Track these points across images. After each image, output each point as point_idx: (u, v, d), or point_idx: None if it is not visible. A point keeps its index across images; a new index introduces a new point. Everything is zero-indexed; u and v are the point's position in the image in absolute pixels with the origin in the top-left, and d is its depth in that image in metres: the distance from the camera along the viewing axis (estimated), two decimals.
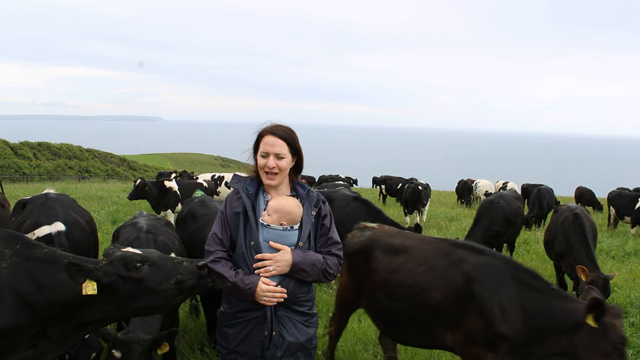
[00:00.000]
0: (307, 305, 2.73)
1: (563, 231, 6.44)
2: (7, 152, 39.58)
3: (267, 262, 2.57)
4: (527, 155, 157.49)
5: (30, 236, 3.96)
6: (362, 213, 6.57)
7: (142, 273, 2.68)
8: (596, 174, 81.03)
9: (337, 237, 2.79)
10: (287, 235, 2.63)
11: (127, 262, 2.69)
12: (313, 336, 2.76)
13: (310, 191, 2.77)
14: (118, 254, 2.75)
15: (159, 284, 2.69)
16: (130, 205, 14.69)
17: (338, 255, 2.75)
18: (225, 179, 14.77)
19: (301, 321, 2.70)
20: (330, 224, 2.77)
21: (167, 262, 2.76)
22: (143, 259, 2.71)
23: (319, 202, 2.74)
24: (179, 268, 2.72)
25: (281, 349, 2.62)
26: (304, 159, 2.79)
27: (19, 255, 2.86)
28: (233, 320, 2.70)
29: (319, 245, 2.73)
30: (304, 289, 2.69)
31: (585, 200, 18.82)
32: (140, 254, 2.75)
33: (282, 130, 2.69)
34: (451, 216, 15.72)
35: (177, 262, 2.75)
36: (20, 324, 2.76)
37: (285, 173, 2.70)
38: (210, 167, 66.07)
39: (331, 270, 2.69)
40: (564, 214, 6.71)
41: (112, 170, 45.38)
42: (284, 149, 2.65)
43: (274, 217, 2.63)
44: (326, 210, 2.78)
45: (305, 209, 2.70)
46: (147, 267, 2.69)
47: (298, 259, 2.58)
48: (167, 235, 4.29)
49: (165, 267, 2.73)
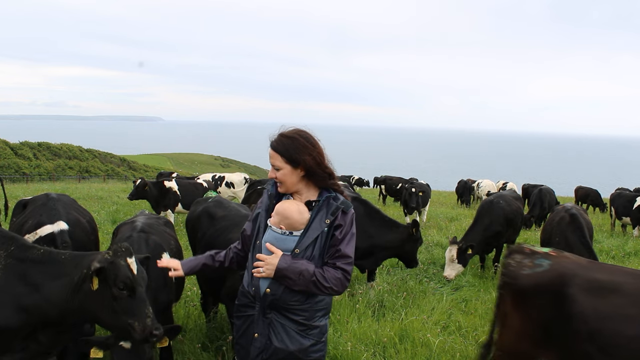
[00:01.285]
0: (304, 315, 2.62)
1: (560, 231, 6.39)
2: (7, 152, 39.57)
3: (261, 263, 2.58)
4: (527, 156, 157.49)
5: (33, 236, 3.98)
6: (359, 213, 6.57)
7: (118, 295, 2.80)
8: (596, 175, 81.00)
9: (348, 251, 2.62)
10: (285, 240, 2.61)
11: (117, 278, 2.80)
12: (310, 348, 2.64)
13: (333, 198, 2.64)
14: (121, 261, 2.84)
15: (118, 312, 2.80)
16: (130, 205, 14.70)
17: (343, 270, 2.61)
18: (225, 179, 14.77)
19: (296, 330, 2.62)
20: (344, 236, 2.62)
21: (140, 304, 2.84)
22: (130, 285, 2.81)
23: (337, 210, 2.61)
24: (141, 316, 2.81)
25: (267, 352, 2.61)
26: (323, 163, 2.65)
27: (13, 257, 2.88)
28: (237, 313, 2.77)
29: (326, 256, 2.63)
30: (297, 298, 2.60)
31: (591, 201, 18.74)
32: (131, 277, 2.83)
33: (279, 141, 2.64)
34: (451, 216, 15.73)
35: (146, 310, 2.84)
36: (14, 325, 2.77)
37: (288, 183, 2.65)
38: (210, 167, 66.04)
39: (327, 284, 2.55)
40: (559, 214, 6.66)
41: (112, 171, 45.37)
42: (278, 161, 2.62)
43: (275, 219, 2.63)
44: (343, 220, 2.62)
45: (319, 217, 2.60)
46: (126, 294, 2.81)
47: (283, 265, 2.53)
48: (163, 235, 4.28)
49: (135, 305, 2.82)
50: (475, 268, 8.59)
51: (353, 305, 5.73)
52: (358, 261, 6.60)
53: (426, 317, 5.56)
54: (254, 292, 2.64)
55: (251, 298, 2.67)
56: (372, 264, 6.62)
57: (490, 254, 8.77)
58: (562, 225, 6.38)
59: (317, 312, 2.66)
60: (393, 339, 4.87)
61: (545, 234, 6.97)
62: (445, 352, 4.69)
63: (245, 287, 2.73)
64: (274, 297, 2.59)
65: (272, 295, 2.59)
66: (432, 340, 4.82)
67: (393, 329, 5.10)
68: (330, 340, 4.62)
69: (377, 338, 4.87)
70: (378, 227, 6.49)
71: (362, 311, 5.61)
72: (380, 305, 5.97)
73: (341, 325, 5.14)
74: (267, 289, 2.59)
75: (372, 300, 6.05)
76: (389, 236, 6.47)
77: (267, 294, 2.59)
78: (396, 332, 5.02)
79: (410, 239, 6.46)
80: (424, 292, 6.75)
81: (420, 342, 4.82)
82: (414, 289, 6.70)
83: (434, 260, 8.87)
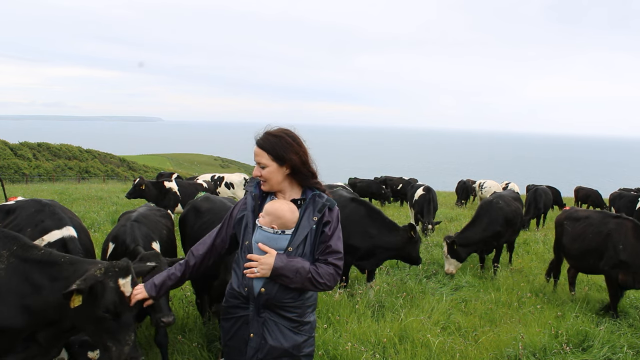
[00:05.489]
0: (296, 312, 2.66)
1: (624, 239, 6.08)
2: (7, 152, 39.55)
3: (254, 264, 2.57)
4: (526, 156, 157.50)
5: (39, 242, 3.89)
6: (361, 214, 6.58)
7: (101, 316, 2.69)
8: (595, 175, 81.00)
9: (338, 247, 2.69)
10: (277, 239, 2.62)
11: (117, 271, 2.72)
12: (303, 344, 2.68)
13: (318, 196, 2.69)
14: (111, 282, 2.72)
15: (99, 331, 2.71)
16: (130, 205, 14.68)
17: (335, 265, 2.65)
18: (225, 179, 14.77)
19: (289, 327, 2.65)
20: (333, 232, 2.67)
21: (123, 329, 2.71)
22: (114, 310, 2.69)
23: (324, 207, 2.66)
24: (120, 342, 2.69)
25: (262, 352, 2.61)
26: (308, 162, 2.71)
27: (16, 256, 2.86)
28: (227, 315, 2.75)
29: (317, 253, 2.66)
30: (291, 295, 2.63)
31: (591, 201, 18.68)
32: (117, 302, 2.69)
33: (265, 139, 2.67)
34: (451, 216, 15.72)
35: (127, 337, 2.72)
36: (18, 325, 2.77)
37: (273, 182, 2.68)
38: (210, 167, 66.04)
39: (321, 280, 2.59)
40: (610, 221, 6.38)
41: (111, 171, 45.36)
42: (264, 159, 2.65)
43: (266, 219, 2.64)
44: (331, 217, 2.68)
45: (307, 214, 2.65)
46: (110, 318, 2.69)
47: (280, 264, 2.54)
48: (156, 225, 4.56)
49: (118, 329, 2.70)
50: (475, 268, 8.59)
51: (353, 306, 5.72)
52: (359, 262, 6.61)
53: (426, 318, 5.55)
54: (247, 292, 2.63)
55: (242, 299, 2.66)
56: (373, 265, 6.63)
57: (490, 254, 8.78)
58: (627, 233, 6.13)
59: (307, 308, 2.72)
60: (393, 340, 4.86)
61: (582, 242, 6.63)
62: (445, 353, 4.68)
63: (235, 289, 2.70)
64: (268, 297, 2.60)
65: (267, 295, 2.59)
66: (432, 340, 4.81)
67: (393, 329, 5.09)
68: (330, 340, 4.62)
69: (376, 338, 4.86)
70: (379, 228, 6.51)
71: (361, 311, 5.60)
72: (380, 306, 5.97)
73: (341, 325, 5.13)
74: (261, 289, 2.59)
75: (372, 300, 6.05)
76: (390, 237, 6.48)
77: (261, 294, 2.60)
78: (396, 332, 5.02)
79: (409, 240, 6.49)
80: (424, 292, 6.75)
81: (419, 342, 4.82)
82: (413, 290, 6.70)
83: (434, 260, 8.87)
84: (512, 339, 5.00)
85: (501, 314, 6.05)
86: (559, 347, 4.78)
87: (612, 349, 4.88)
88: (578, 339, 5.02)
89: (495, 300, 6.56)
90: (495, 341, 5.04)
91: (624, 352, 4.81)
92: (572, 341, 4.97)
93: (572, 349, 4.77)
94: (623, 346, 4.93)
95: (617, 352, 4.82)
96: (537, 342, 4.87)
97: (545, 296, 6.93)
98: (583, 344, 4.97)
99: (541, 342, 4.88)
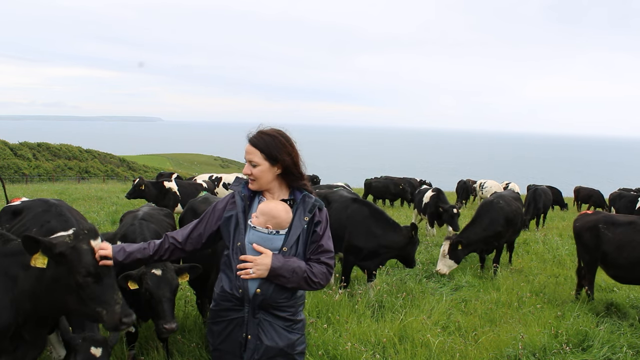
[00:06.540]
0: (290, 311, 2.68)
1: None
2: (7, 152, 39.57)
3: (248, 265, 2.57)
4: (526, 156, 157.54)
5: None
6: (364, 214, 6.58)
7: (82, 282, 2.60)
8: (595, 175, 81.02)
9: (329, 246, 2.72)
10: (272, 240, 2.62)
11: None
12: (296, 342, 2.70)
13: (307, 196, 2.72)
14: (84, 245, 2.65)
15: (84, 300, 2.64)
16: (130, 205, 14.68)
17: (327, 264, 2.69)
18: (223, 179, 14.79)
19: (283, 326, 2.66)
20: (324, 231, 2.71)
21: (108, 290, 2.65)
22: (94, 272, 2.62)
23: (314, 207, 2.69)
24: (109, 303, 2.63)
25: (258, 352, 2.61)
26: (299, 163, 2.72)
27: (1, 254, 2.82)
28: (217, 319, 2.72)
29: (309, 252, 2.68)
30: (285, 295, 2.64)
31: (593, 202, 18.68)
32: (94, 263, 2.63)
33: (259, 137, 2.68)
34: None
35: (114, 296, 2.66)
36: (7, 322, 2.74)
37: (263, 180, 2.68)
38: (210, 167, 66.05)
39: (316, 279, 2.63)
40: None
41: (111, 171, 45.37)
42: (256, 157, 2.65)
43: (261, 219, 2.64)
44: (321, 217, 2.71)
45: (298, 215, 2.66)
46: (92, 281, 2.61)
47: (277, 264, 2.55)
48: (162, 224, 4.64)
49: (102, 292, 2.64)
50: (475, 268, 8.59)
51: (352, 306, 5.72)
52: (362, 262, 6.61)
53: (426, 318, 5.55)
54: (241, 294, 2.61)
55: (236, 301, 2.64)
56: (377, 265, 6.63)
57: (490, 255, 8.78)
58: None
59: (299, 306, 2.76)
60: (392, 339, 4.86)
61: (612, 245, 6.26)
62: (445, 353, 4.69)
63: (227, 291, 2.66)
64: (264, 297, 2.60)
65: (263, 295, 2.59)
66: (432, 340, 4.81)
67: (392, 329, 5.10)
68: (330, 340, 4.62)
69: (376, 338, 4.87)
70: (383, 228, 6.53)
71: (361, 311, 5.61)
72: (380, 306, 5.96)
73: (341, 325, 5.13)
74: (257, 290, 2.59)
75: (372, 300, 6.05)
76: (393, 237, 6.50)
77: (257, 295, 2.59)
78: (396, 332, 5.02)
79: (410, 241, 6.50)
80: (424, 292, 6.75)
81: (419, 342, 4.82)
82: (413, 290, 6.69)
83: (433, 260, 8.86)
84: (512, 339, 5.00)
85: (501, 313, 6.05)
86: (559, 347, 4.79)
87: (612, 348, 4.88)
88: (578, 339, 5.02)
89: (495, 300, 6.56)
90: (495, 341, 5.04)
91: (624, 352, 4.81)
92: (572, 341, 4.97)
93: (572, 348, 4.78)
94: (623, 346, 4.94)
95: (617, 352, 4.83)
96: (537, 342, 4.87)
97: (545, 296, 6.93)
98: (583, 343, 4.97)
99: (541, 342, 4.88)
